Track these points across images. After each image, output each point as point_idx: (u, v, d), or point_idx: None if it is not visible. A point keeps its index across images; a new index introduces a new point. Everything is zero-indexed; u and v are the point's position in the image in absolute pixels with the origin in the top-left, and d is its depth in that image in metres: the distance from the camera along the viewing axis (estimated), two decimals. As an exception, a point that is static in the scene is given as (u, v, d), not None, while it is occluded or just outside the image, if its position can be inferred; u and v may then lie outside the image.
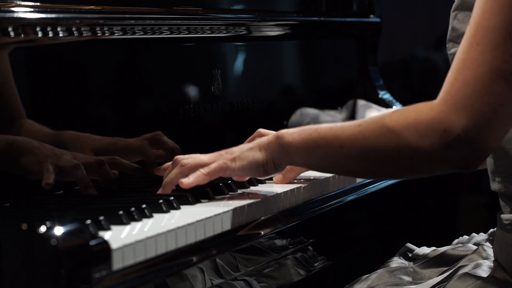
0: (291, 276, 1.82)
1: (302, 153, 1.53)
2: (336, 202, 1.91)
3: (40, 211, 1.53)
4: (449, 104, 1.34)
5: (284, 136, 1.55)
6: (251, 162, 1.58)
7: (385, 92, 2.72)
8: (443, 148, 1.34)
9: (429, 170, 1.43)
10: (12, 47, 1.61)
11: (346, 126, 1.47)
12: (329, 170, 1.67)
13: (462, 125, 1.33)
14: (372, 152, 1.43)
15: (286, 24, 2.39)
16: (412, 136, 1.37)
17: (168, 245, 1.40)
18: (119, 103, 1.88)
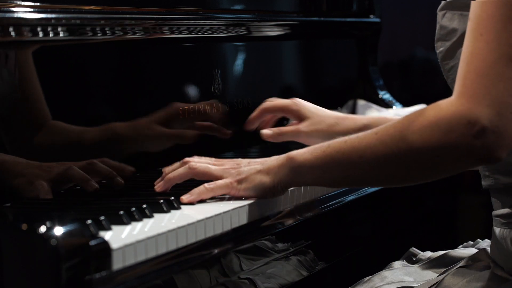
0: (291, 276, 1.82)
1: (317, 171, 1.52)
2: (336, 202, 1.91)
3: (40, 211, 1.53)
4: (467, 96, 1.36)
5: (296, 158, 1.55)
6: (257, 185, 1.59)
7: (385, 92, 2.72)
8: (469, 140, 1.35)
9: (455, 166, 1.42)
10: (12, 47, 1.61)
11: (362, 136, 1.47)
12: (347, 183, 1.67)
13: (485, 114, 1.34)
14: (395, 158, 1.43)
15: (286, 24, 2.39)
16: (435, 134, 1.38)
17: (169, 245, 1.40)
18: (119, 103, 1.88)
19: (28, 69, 1.65)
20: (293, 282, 1.83)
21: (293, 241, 1.77)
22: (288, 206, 1.73)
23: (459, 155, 1.38)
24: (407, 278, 1.68)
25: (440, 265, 1.71)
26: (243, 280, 1.67)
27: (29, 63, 1.66)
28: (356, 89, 2.70)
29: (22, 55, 1.63)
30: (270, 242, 1.68)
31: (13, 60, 1.61)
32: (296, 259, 1.83)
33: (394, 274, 1.69)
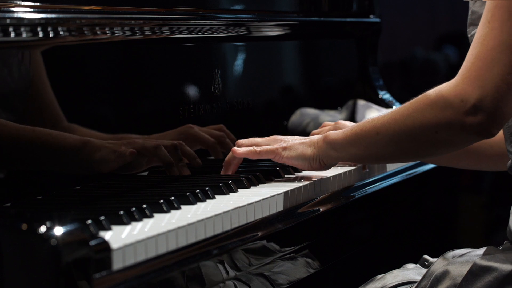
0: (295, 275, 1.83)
1: (346, 146, 1.70)
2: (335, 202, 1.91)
3: (40, 211, 1.53)
4: (464, 77, 1.51)
5: (330, 135, 1.73)
6: (299, 154, 1.76)
7: (385, 92, 2.72)
8: (462, 117, 1.51)
9: (453, 141, 1.58)
10: (12, 47, 1.61)
11: (382, 115, 1.64)
12: (370, 159, 1.83)
13: (476, 94, 1.49)
14: (402, 133, 1.60)
15: (286, 24, 2.39)
16: (433, 111, 1.54)
17: (169, 245, 1.40)
18: (119, 103, 1.88)
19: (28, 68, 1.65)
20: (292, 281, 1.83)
21: (292, 242, 1.77)
22: (288, 206, 1.74)
23: (454, 131, 1.54)
24: (418, 277, 1.70)
25: None
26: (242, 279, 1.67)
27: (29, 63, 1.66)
28: (356, 89, 2.70)
29: (22, 55, 1.63)
30: (270, 242, 1.68)
31: (13, 60, 1.61)
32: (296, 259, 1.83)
33: (405, 273, 1.72)
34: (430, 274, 1.62)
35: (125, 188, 1.72)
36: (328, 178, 1.89)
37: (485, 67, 1.49)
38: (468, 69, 1.51)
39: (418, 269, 1.77)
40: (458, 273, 1.58)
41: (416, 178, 2.28)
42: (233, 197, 1.68)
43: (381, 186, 2.11)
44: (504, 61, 1.48)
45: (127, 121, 1.89)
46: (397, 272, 1.75)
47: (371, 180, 2.08)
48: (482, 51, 1.50)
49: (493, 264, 1.54)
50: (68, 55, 1.74)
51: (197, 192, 1.63)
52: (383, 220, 2.32)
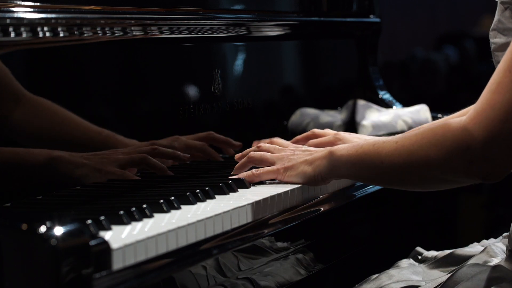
0: (290, 276, 1.82)
1: (350, 166, 1.68)
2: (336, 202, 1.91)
3: (40, 211, 1.53)
4: (473, 122, 1.46)
5: (335, 152, 1.71)
6: (299, 174, 1.75)
7: (385, 92, 2.72)
8: (466, 164, 1.48)
9: (457, 182, 1.56)
10: (12, 47, 1.61)
11: (386, 142, 1.61)
12: (372, 182, 1.87)
13: (482, 143, 1.45)
14: (407, 168, 1.57)
15: (286, 24, 2.39)
16: (439, 153, 1.50)
17: (169, 245, 1.40)
18: (119, 103, 1.88)
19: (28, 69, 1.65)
20: (292, 281, 1.83)
21: (292, 240, 1.77)
22: (288, 206, 1.74)
23: (459, 174, 1.51)
24: (414, 277, 1.70)
25: (447, 264, 1.73)
26: (243, 279, 1.67)
27: (29, 63, 1.66)
28: (356, 89, 2.70)
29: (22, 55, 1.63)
30: (270, 242, 1.68)
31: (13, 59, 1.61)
32: (295, 259, 1.83)
33: (401, 273, 1.71)
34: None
35: (125, 188, 1.72)
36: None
37: (498, 119, 1.43)
38: (479, 114, 1.46)
39: (412, 267, 1.76)
40: None
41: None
42: (233, 197, 1.68)
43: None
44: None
45: (127, 121, 1.89)
46: (392, 272, 1.74)
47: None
48: (498, 101, 1.44)
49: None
50: (68, 55, 1.74)
51: (197, 192, 1.63)
52: (383, 220, 2.32)
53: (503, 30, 1.59)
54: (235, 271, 1.59)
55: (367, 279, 1.75)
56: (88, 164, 1.72)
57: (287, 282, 1.82)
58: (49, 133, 1.71)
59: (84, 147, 1.76)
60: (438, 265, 1.75)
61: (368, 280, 1.74)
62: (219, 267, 1.54)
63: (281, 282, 1.80)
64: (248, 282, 1.68)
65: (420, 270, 1.74)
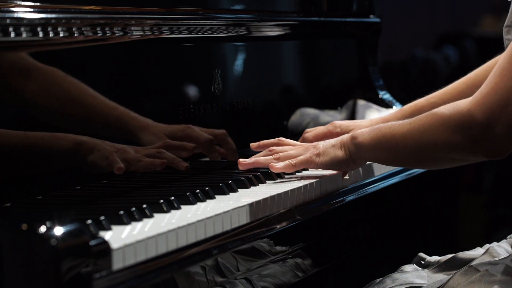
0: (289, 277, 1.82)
1: (371, 150, 1.76)
2: (336, 202, 1.91)
3: (40, 211, 1.53)
4: (477, 104, 1.54)
5: (357, 137, 1.78)
6: (333, 158, 1.80)
7: (385, 92, 2.72)
8: (471, 143, 1.56)
9: (465, 160, 1.65)
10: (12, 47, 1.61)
11: (401, 124, 1.69)
12: (392, 163, 1.93)
13: (483, 125, 1.53)
14: (418, 148, 1.65)
15: (286, 24, 2.39)
16: (445, 133, 1.59)
17: (169, 245, 1.40)
18: (119, 103, 1.88)
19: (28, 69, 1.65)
20: (291, 283, 1.83)
21: (291, 242, 1.77)
22: (288, 206, 1.74)
23: (465, 153, 1.59)
24: (418, 280, 1.70)
25: (450, 267, 1.74)
26: (242, 280, 1.67)
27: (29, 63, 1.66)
28: (356, 89, 2.70)
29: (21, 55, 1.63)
30: (270, 243, 1.68)
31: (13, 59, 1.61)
32: (294, 259, 1.83)
33: (405, 277, 1.72)
34: None
35: (125, 188, 1.72)
36: (329, 177, 1.89)
37: (499, 102, 1.52)
38: (483, 96, 1.54)
39: (416, 271, 1.76)
40: None
41: (416, 178, 2.28)
42: (233, 197, 1.68)
43: (381, 186, 2.11)
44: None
45: (127, 121, 1.89)
46: (395, 276, 1.74)
47: (371, 180, 2.08)
48: (500, 85, 1.52)
49: None
50: (68, 55, 1.74)
51: (197, 192, 1.63)
52: (383, 221, 2.32)
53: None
54: (234, 271, 1.59)
55: (371, 282, 1.76)
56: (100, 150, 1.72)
57: (286, 284, 1.82)
58: (63, 106, 1.72)
59: (97, 122, 1.78)
60: (442, 269, 1.76)
61: (372, 283, 1.75)
62: (219, 267, 1.54)
63: (280, 284, 1.80)
64: (248, 282, 1.68)
65: (424, 274, 1.74)
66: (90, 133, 1.73)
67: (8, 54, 1.59)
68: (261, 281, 1.73)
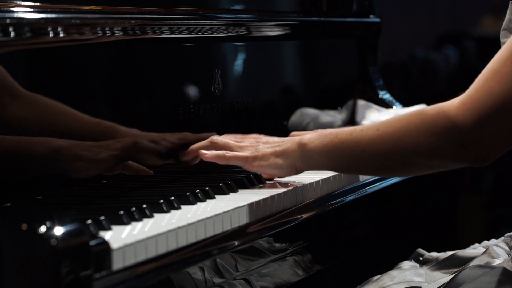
0: (288, 276, 1.82)
1: (325, 157, 1.64)
2: (336, 202, 1.91)
3: (40, 211, 1.53)
4: (467, 108, 1.44)
5: (307, 144, 1.66)
6: (271, 164, 1.71)
7: (385, 92, 2.72)
8: (456, 148, 1.45)
9: (444, 167, 1.54)
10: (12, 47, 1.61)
11: (365, 129, 1.57)
12: (350, 171, 1.82)
13: (476, 129, 1.43)
14: (392, 155, 1.54)
15: (286, 24, 2.39)
16: (428, 138, 1.48)
17: (169, 245, 1.40)
18: (119, 103, 1.88)
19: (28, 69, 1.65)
20: (291, 282, 1.83)
21: (292, 242, 1.77)
22: (288, 206, 1.74)
23: (448, 159, 1.49)
24: (416, 278, 1.69)
25: (449, 266, 1.73)
26: (242, 280, 1.67)
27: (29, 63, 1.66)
28: (356, 89, 2.70)
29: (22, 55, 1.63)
30: (270, 243, 1.68)
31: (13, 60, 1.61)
32: (294, 259, 1.83)
33: (403, 274, 1.71)
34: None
35: (125, 188, 1.72)
36: (329, 177, 1.89)
37: (494, 109, 1.42)
38: (474, 101, 1.44)
39: (414, 269, 1.76)
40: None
41: (416, 178, 2.28)
42: (233, 197, 1.68)
43: (381, 186, 2.11)
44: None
45: (127, 121, 1.89)
46: (394, 273, 1.73)
47: (371, 180, 2.08)
48: (496, 90, 1.43)
49: None
50: (68, 55, 1.74)
51: (197, 192, 1.63)
52: (383, 221, 2.32)
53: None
54: (234, 271, 1.59)
55: (368, 280, 1.74)
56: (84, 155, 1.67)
57: (286, 283, 1.82)
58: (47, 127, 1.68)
59: (83, 139, 1.73)
60: (440, 267, 1.75)
61: (369, 281, 1.74)
62: (218, 267, 1.54)
63: (280, 283, 1.80)
64: (248, 282, 1.68)
65: (422, 272, 1.73)
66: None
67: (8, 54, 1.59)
68: (262, 281, 1.73)
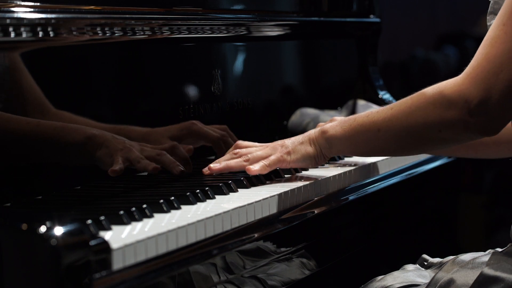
0: (291, 276, 1.82)
1: (346, 142, 1.72)
2: (336, 202, 1.91)
3: (40, 211, 1.53)
4: (470, 77, 1.50)
5: (328, 131, 1.74)
6: (304, 155, 1.78)
7: (385, 92, 2.72)
8: (465, 117, 1.51)
9: (456, 139, 1.60)
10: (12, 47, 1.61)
11: (380, 111, 1.65)
12: (371, 153, 1.84)
13: (480, 95, 1.49)
14: (405, 131, 1.60)
15: (286, 24, 2.39)
16: (437, 110, 1.54)
17: (169, 245, 1.40)
18: (119, 103, 1.88)
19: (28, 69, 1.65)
20: (293, 282, 1.83)
21: (293, 241, 1.77)
22: (288, 205, 1.74)
23: (458, 130, 1.54)
24: (420, 279, 1.70)
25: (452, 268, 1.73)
26: (244, 279, 1.67)
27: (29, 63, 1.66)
28: (356, 89, 2.70)
29: (22, 55, 1.63)
30: (271, 242, 1.68)
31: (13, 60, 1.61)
32: (296, 259, 1.83)
33: (406, 275, 1.71)
34: (435, 283, 1.61)
35: (125, 188, 1.72)
36: (328, 178, 1.89)
37: (493, 70, 1.49)
38: (474, 69, 1.51)
39: (418, 270, 1.76)
40: (463, 282, 1.58)
41: (416, 178, 2.28)
42: (233, 197, 1.68)
43: (381, 186, 2.11)
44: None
45: (127, 121, 1.89)
46: (397, 274, 1.74)
47: (371, 180, 2.08)
48: (492, 53, 1.49)
49: (500, 275, 1.54)
50: (68, 55, 1.74)
51: (197, 192, 1.63)
52: (383, 220, 2.32)
53: (499, 10, 1.60)
54: (235, 271, 1.59)
55: (372, 280, 1.75)
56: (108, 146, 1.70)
57: (290, 282, 1.82)
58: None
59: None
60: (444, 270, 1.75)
61: (373, 281, 1.75)
62: (219, 267, 1.54)
63: (281, 283, 1.80)
64: (247, 282, 1.68)
65: (426, 274, 1.74)
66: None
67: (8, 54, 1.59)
68: (263, 281, 1.73)
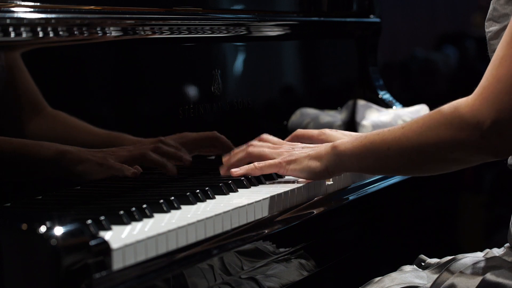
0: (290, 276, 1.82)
1: (355, 159, 1.69)
2: (336, 201, 1.91)
3: (40, 211, 1.53)
4: (481, 98, 1.48)
5: (339, 146, 1.72)
6: (304, 168, 1.76)
7: (385, 92, 2.72)
8: (477, 139, 1.49)
9: (468, 160, 1.57)
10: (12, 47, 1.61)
11: (391, 129, 1.62)
12: (380, 171, 1.85)
13: (492, 117, 1.46)
14: (415, 151, 1.58)
15: (286, 24, 2.39)
16: (449, 131, 1.51)
17: (169, 245, 1.40)
18: (119, 103, 1.88)
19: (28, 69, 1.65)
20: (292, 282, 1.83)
21: (293, 241, 1.77)
22: (288, 206, 1.74)
23: (470, 152, 1.52)
24: (417, 280, 1.70)
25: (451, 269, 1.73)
26: (243, 280, 1.67)
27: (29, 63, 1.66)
28: (356, 89, 2.70)
29: (22, 55, 1.63)
30: (270, 242, 1.68)
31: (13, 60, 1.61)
32: (295, 259, 1.83)
33: (404, 276, 1.71)
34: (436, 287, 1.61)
35: (125, 188, 1.72)
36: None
37: (505, 91, 1.46)
38: (486, 89, 1.48)
39: (415, 271, 1.76)
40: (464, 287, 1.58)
41: (416, 178, 2.28)
42: (233, 197, 1.68)
43: (381, 186, 2.11)
44: None
45: (127, 121, 1.89)
46: (394, 275, 1.74)
47: (371, 180, 2.08)
48: (503, 73, 1.46)
49: (502, 281, 1.54)
50: (68, 55, 1.74)
51: (197, 192, 1.64)
52: (383, 221, 2.32)
53: (498, 18, 1.61)
54: (235, 271, 1.59)
55: (369, 281, 1.75)
56: (91, 159, 1.70)
57: (285, 284, 1.82)
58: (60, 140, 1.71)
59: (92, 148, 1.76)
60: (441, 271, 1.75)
61: (371, 282, 1.75)
62: (218, 267, 1.54)
63: (278, 284, 1.80)
64: (248, 282, 1.68)
65: (424, 275, 1.74)
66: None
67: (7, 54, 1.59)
68: (263, 281, 1.73)
